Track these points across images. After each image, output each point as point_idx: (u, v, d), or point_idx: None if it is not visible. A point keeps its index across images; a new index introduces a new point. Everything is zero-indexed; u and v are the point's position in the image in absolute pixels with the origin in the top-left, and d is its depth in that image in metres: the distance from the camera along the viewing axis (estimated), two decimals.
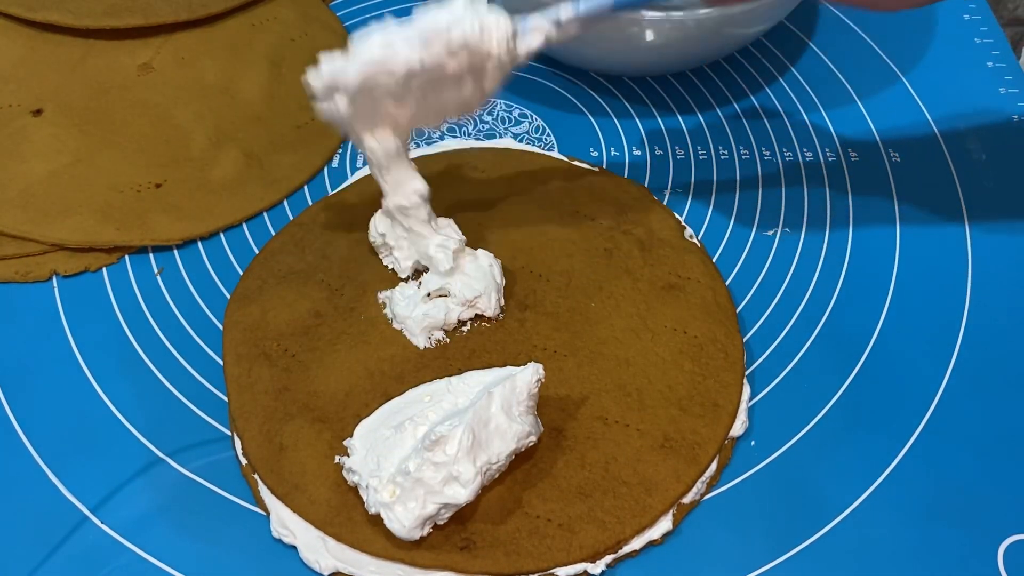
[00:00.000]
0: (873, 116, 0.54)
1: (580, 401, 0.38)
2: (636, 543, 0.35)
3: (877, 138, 0.52)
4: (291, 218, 0.47)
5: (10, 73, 0.52)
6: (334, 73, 0.36)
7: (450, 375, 0.37)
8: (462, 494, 0.33)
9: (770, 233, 0.47)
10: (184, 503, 0.37)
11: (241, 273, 0.45)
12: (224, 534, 0.36)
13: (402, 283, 0.42)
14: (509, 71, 0.38)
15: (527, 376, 0.34)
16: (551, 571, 0.34)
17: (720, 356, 0.40)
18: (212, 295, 0.45)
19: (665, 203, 0.48)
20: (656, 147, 0.52)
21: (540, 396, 0.38)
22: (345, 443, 0.35)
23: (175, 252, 0.46)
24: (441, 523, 0.34)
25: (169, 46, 0.54)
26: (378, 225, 0.42)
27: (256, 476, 0.37)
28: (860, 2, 0.36)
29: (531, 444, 0.35)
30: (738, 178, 0.50)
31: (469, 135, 0.52)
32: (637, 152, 0.52)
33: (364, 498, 0.34)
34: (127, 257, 0.46)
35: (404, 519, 0.33)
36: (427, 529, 0.34)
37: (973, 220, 0.48)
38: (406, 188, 0.40)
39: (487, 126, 0.53)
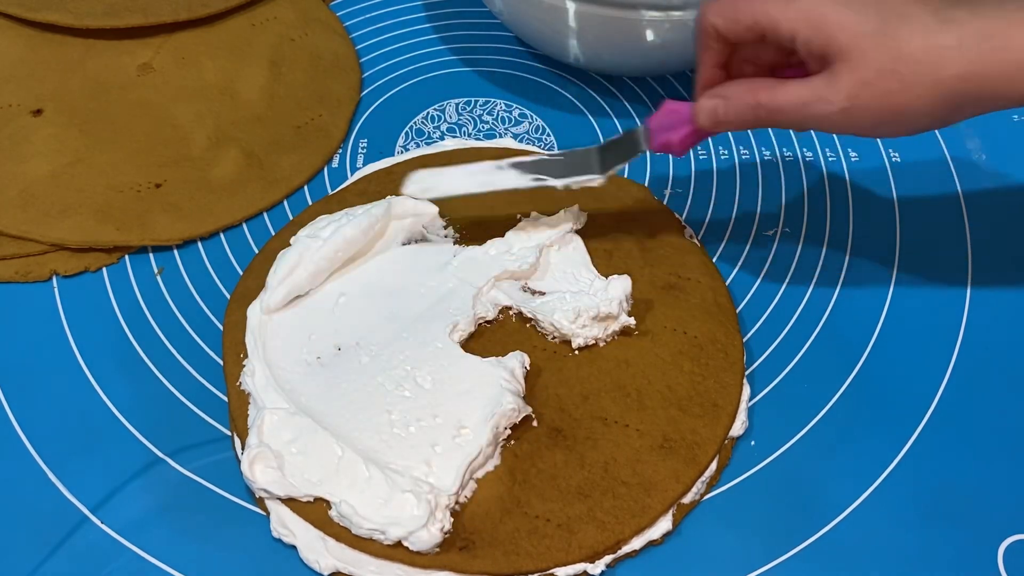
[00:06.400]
0: None
1: (580, 401, 0.38)
2: (636, 543, 0.35)
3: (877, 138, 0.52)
4: (291, 218, 0.47)
5: (10, 73, 0.52)
6: None
7: None
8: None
9: (770, 233, 0.47)
10: (184, 503, 0.37)
11: (241, 273, 0.45)
12: (224, 534, 0.36)
13: None
14: None
15: (514, 360, 0.38)
16: (550, 571, 0.34)
17: (720, 356, 0.40)
18: (212, 295, 0.45)
19: (665, 203, 0.48)
20: None
21: (540, 396, 0.38)
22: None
23: (175, 252, 0.46)
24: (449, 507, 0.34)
25: (169, 46, 0.54)
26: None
27: None
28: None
29: (516, 415, 0.36)
30: (738, 178, 0.50)
31: (469, 135, 0.52)
32: None
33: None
34: (127, 257, 0.46)
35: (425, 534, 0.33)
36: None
37: (973, 220, 0.48)
38: None
39: (487, 126, 0.53)
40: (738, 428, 0.39)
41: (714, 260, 0.45)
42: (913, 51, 0.30)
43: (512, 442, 0.37)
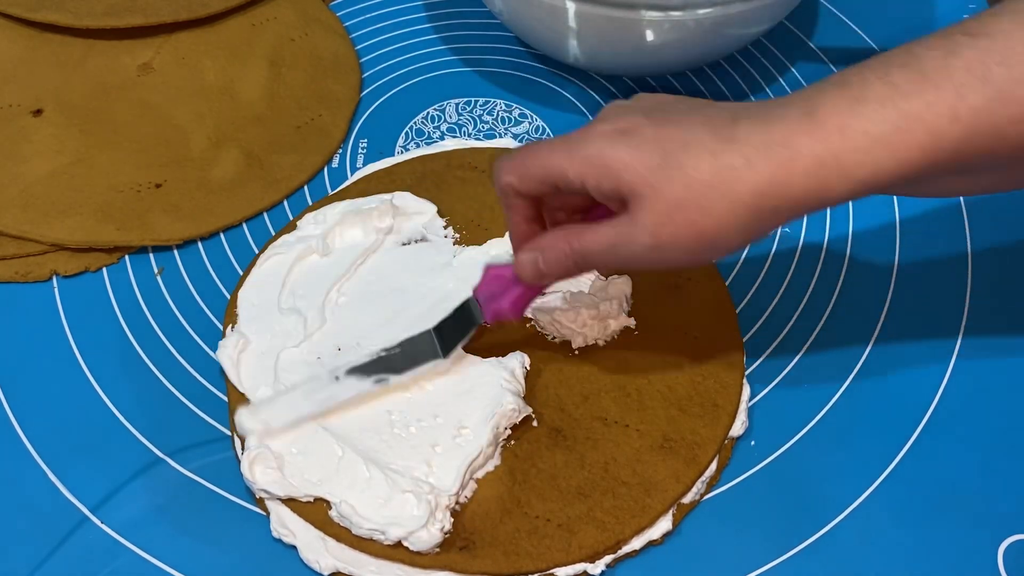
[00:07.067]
0: None
1: (580, 401, 0.38)
2: (636, 543, 0.35)
3: None
4: (291, 218, 0.47)
5: (10, 73, 0.52)
6: None
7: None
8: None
9: (770, 233, 0.47)
10: (184, 503, 0.37)
11: (241, 273, 0.45)
12: (224, 534, 0.36)
13: None
14: None
15: (514, 360, 0.38)
16: (550, 571, 0.34)
17: (720, 356, 0.40)
18: (212, 295, 0.45)
19: None
20: None
21: (540, 396, 0.38)
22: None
23: (175, 252, 0.46)
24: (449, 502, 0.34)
25: (169, 46, 0.54)
26: None
27: None
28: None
29: (516, 415, 0.37)
30: None
31: (469, 135, 0.52)
32: None
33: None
34: (127, 257, 0.46)
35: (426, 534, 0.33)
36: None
37: (972, 219, 0.48)
38: None
39: (487, 126, 0.53)
40: (738, 428, 0.39)
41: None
42: (702, 176, 0.29)
43: (512, 442, 0.37)
